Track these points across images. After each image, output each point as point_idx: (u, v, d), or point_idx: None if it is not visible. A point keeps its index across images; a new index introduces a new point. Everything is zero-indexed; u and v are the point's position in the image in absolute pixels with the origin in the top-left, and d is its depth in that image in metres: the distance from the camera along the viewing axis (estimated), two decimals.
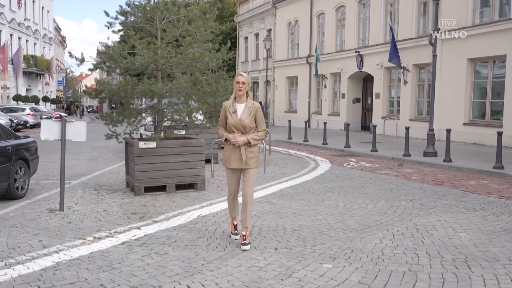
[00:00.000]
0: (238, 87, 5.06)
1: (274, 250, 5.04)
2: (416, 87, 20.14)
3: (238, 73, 5.19)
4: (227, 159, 5.18)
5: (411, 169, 11.24)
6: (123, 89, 7.85)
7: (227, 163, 5.18)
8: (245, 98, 5.18)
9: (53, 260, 4.66)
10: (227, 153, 5.20)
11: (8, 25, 40.51)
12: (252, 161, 5.12)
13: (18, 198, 7.75)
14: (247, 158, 5.09)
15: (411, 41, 19.58)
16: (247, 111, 5.11)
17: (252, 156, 5.13)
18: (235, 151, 5.10)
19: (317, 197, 7.87)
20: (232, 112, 5.11)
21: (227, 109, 5.14)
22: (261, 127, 5.22)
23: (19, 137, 8.29)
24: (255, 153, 5.18)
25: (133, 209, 7.02)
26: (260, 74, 33.34)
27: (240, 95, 5.11)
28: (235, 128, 5.09)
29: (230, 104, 5.14)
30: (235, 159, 5.11)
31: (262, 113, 5.24)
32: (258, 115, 5.15)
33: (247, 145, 5.09)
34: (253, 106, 5.15)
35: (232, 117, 5.10)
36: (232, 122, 5.09)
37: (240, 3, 37.23)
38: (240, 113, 5.10)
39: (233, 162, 5.13)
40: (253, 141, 5.10)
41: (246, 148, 5.09)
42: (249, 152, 5.12)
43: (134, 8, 8.52)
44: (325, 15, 26.61)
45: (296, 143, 18.27)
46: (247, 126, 5.09)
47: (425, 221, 6.23)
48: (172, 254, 4.88)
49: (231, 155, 5.13)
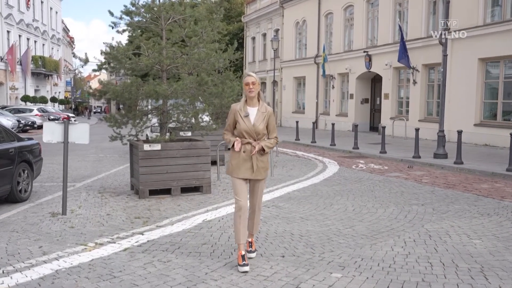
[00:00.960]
0: (249, 88, 4.58)
1: (281, 257, 4.86)
2: (426, 87, 19.85)
3: (246, 74, 4.70)
4: (235, 168, 4.64)
5: (421, 172, 11.01)
6: (127, 90, 7.70)
7: (236, 172, 4.64)
8: (257, 101, 4.71)
9: (52, 267, 4.51)
10: (235, 161, 4.65)
11: (16, 26, 40.67)
12: (263, 171, 4.71)
13: (21, 201, 7.63)
14: (258, 167, 4.64)
15: (420, 41, 19.30)
16: (261, 115, 4.64)
17: (263, 165, 4.71)
18: (245, 159, 4.62)
19: (325, 201, 7.67)
20: (244, 117, 4.62)
21: (238, 113, 4.63)
22: (273, 133, 4.77)
23: (22, 139, 8.17)
24: (266, 163, 4.78)
25: (137, 213, 6.87)
26: (267, 75, 33.15)
27: (252, 96, 4.62)
28: (247, 134, 4.60)
29: (241, 108, 4.64)
30: (246, 168, 4.62)
31: (274, 119, 4.82)
32: (271, 121, 4.70)
33: (259, 153, 4.64)
34: (266, 110, 4.68)
35: (244, 122, 4.61)
36: (245, 127, 4.60)
37: (248, 3, 37.06)
38: (254, 117, 4.63)
39: (243, 171, 4.63)
40: (267, 148, 4.66)
41: (258, 156, 4.65)
42: (260, 161, 4.67)
43: (139, 7, 8.36)
44: (333, 15, 26.37)
45: (304, 144, 18.07)
46: (260, 133, 4.63)
47: (437, 227, 6.01)
48: (175, 261, 4.71)
49: (241, 164, 4.62)
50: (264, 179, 4.76)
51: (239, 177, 4.63)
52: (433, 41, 17.87)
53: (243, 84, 4.64)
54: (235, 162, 4.66)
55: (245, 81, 4.64)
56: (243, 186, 4.70)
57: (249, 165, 4.62)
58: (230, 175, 4.72)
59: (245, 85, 4.61)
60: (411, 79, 20.11)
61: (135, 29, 10.34)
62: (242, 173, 4.63)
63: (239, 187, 4.67)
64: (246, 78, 4.64)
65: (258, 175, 4.66)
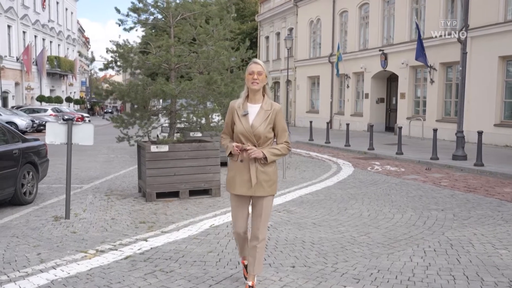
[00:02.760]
0: (252, 79, 3.62)
1: (291, 268, 4.55)
2: (444, 86, 19.33)
3: (253, 61, 3.68)
4: (230, 181, 3.76)
5: (440, 174, 10.58)
6: (134, 89, 7.45)
7: (231, 186, 3.76)
8: (261, 96, 3.72)
9: (48, 277, 4.26)
10: (231, 172, 3.76)
11: (32, 26, 40.95)
12: (266, 186, 3.67)
13: (26, 204, 7.43)
14: (258, 180, 3.65)
15: (438, 39, 18.78)
16: (263, 114, 3.65)
17: (267, 178, 3.67)
18: (241, 170, 3.68)
19: (339, 205, 7.33)
20: (242, 116, 3.66)
21: (235, 111, 3.71)
22: (282, 138, 3.75)
23: (28, 140, 7.97)
24: (271, 175, 3.71)
25: (142, 217, 6.60)
26: (281, 74, 32.82)
27: (255, 90, 3.64)
28: (245, 138, 3.65)
29: (240, 105, 3.70)
30: (242, 182, 3.68)
31: (283, 118, 3.79)
32: (278, 121, 3.70)
33: (259, 162, 3.65)
34: (271, 108, 3.69)
35: (241, 122, 3.65)
36: (241, 129, 3.64)
37: (261, 2, 36.75)
38: (253, 117, 3.65)
39: (239, 186, 3.69)
40: (271, 156, 3.63)
41: (258, 166, 3.66)
42: (262, 172, 3.66)
43: (147, 4, 8.10)
44: (348, 13, 25.91)
45: (318, 144, 17.70)
46: (261, 136, 3.63)
47: (459, 235, 5.64)
48: (178, 272, 4.42)
49: (236, 176, 3.70)
50: (268, 196, 3.74)
51: (235, 193, 3.74)
52: (451, 39, 17.38)
53: (246, 73, 3.68)
54: (231, 174, 3.77)
55: (249, 69, 3.66)
56: (241, 205, 3.77)
57: (247, 177, 3.66)
58: (227, 190, 3.88)
59: (249, 74, 3.65)
60: (428, 78, 19.62)
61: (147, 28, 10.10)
62: (239, 188, 3.69)
63: (234, 207, 3.81)
64: (250, 66, 3.66)
65: (258, 191, 3.67)
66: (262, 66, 3.67)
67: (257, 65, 3.66)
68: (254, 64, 3.67)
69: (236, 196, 3.79)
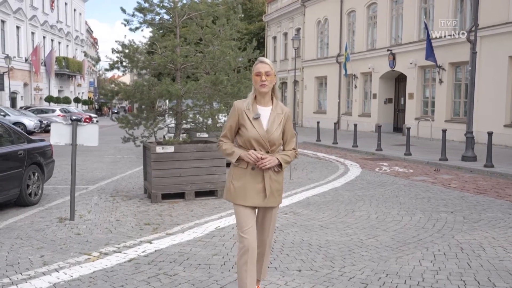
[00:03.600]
0: (260, 81, 3.29)
1: (298, 272, 4.46)
2: (452, 86, 19.13)
3: (259, 60, 3.35)
4: (240, 192, 3.37)
5: (449, 175, 10.43)
6: (139, 90, 7.39)
7: (242, 198, 3.36)
8: (270, 99, 3.42)
9: (50, 280, 4.20)
10: (239, 182, 3.37)
11: (41, 27, 41.16)
12: (277, 195, 3.46)
13: (31, 205, 7.39)
14: (272, 190, 3.38)
15: (447, 39, 18.59)
16: (277, 118, 3.37)
17: (278, 187, 3.45)
18: (254, 179, 3.35)
19: (346, 207, 7.22)
20: (254, 119, 3.32)
21: (244, 114, 3.34)
22: (291, 144, 3.50)
23: (33, 141, 7.94)
24: (281, 183, 3.49)
25: (147, 218, 6.54)
26: (288, 74, 32.71)
27: (264, 92, 3.33)
28: (258, 144, 3.32)
29: (249, 106, 3.35)
30: (254, 192, 3.35)
31: (292, 123, 3.55)
32: (288, 127, 3.45)
33: (273, 170, 3.38)
34: (283, 111, 3.42)
35: (253, 127, 3.31)
36: (255, 134, 3.31)
37: (269, 3, 36.67)
38: (266, 121, 3.36)
39: (251, 197, 3.35)
40: (284, 163, 3.41)
41: (272, 174, 3.38)
42: (275, 181, 3.40)
43: (153, 4, 8.04)
44: (355, 13, 25.76)
45: (325, 145, 17.57)
46: (276, 142, 3.37)
47: (469, 238, 5.51)
48: (182, 275, 4.35)
49: (247, 186, 3.35)
50: (277, 207, 3.55)
51: (246, 204, 3.37)
52: (461, 39, 17.19)
53: (253, 74, 3.34)
54: (240, 184, 3.36)
55: (255, 69, 3.32)
56: (251, 217, 3.42)
57: (260, 187, 3.34)
58: (233, 201, 3.42)
59: (256, 75, 3.31)
60: (437, 78, 19.42)
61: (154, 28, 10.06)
62: (251, 199, 3.35)
63: (246, 219, 3.39)
64: (257, 66, 3.32)
65: (271, 201, 3.41)
66: (270, 65, 3.32)
67: (264, 65, 3.31)
68: (260, 63, 3.32)
69: (246, 208, 3.39)
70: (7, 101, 33.45)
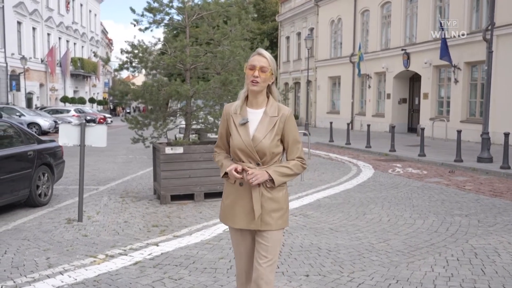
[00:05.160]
0: (252, 76, 2.70)
1: (305, 277, 4.35)
2: (468, 86, 18.80)
3: (257, 51, 2.77)
4: (229, 212, 2.85)
5: (464, 177, 10.21)
6: (148, 90, 7.35)
7: (229, 218, 2.86)
8: (265, 99, 2.81)
9: (54, 283, 4.16)
10: (228, 199, 2.86)
11: (56, 28, 41.60)
12: (276, 217, 2.77)
13: (41, 206, 7.39)
14: (264, 211, 2.75)
15: (462, 38, 18.28)
16: (267, 122, 2.75)
17: (276, 207, 2.77)
18: (242, 197, 2.78)
19: (357, 210, 7.09)
20: (240, 125, 2.75)
21: (231, 119, 2.80)
22: (294, 152, 2.81)
23: (43, 141, 7.95)
24: (282, 202, 2.80)
25: (155, 220, 6.49)
26: (301, 74, 32.54)
27: (255, 92, 2.74)
28: (244, 155, 2.74)
29: (237, 110, 2.80)
30: (243, 212, 2.78)
31: (295, 126, 2.84)
32: (288, 130, 2.78)
33: (265, 186, 2.75)
34: (278, 113, 2.76)
35: (238, 134, 2.75)
36: (239, 142, 2.74)
37: (282, 2, 36.54)
38: (255, 126, 2.75)
39: (239, 218, 2.80)
40: (280, 177, 2.73)
41: (264, 191, 2.75)
42: (269, 199, 2.75)
43: (163, 4, 8.00)
44: (369, 12, 25.51)
45: (338, 146, 17.40)
46: (266, 152, 2.72)
47: (484, 243, 5.35)
48: (187, 279, 4.27)
49: (235, 204, 2.81)
50: (277, 230, 2.80)
51: (235, 226, 2.84)
52: (477, 38, 16.92)
53: (246, 67, 2.75)
54: (229, 202, 2.85)
55: (250, 62, 2.74)
56: (242, 241, 2.88)
57: (250, 206, 2.76)
58: (222, 222, 2.94)
59: (249, 69, 2.72)
60: (452, 77, 19.11)
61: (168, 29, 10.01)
62: (239, 221, 2.80)
63: (236, 244, 2.91)
64: (253, 58, 2.75)
65: (265, 224, 2.76)
66: (268, 59, 2.73)
67: (261, 58, 2.72)
68: (257, 56, 2.74)
69: (235, 230, 2.88)
70: (23, 101, 33.85)
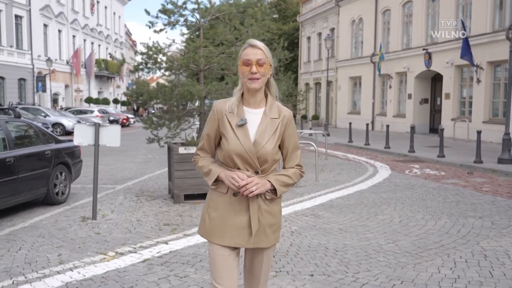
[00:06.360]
0: (250, 73, 2.37)
1: (310, 276, 4.37)
2: (491, 86, 18.44)
3: (249, 43, 2.44)
4: (217, 226, 2.48)
5: (482, 178, 10.04)
6: (162, 91, 7.46)
7: (218, 236, 2.48)
8: (263, 98, 2.49)
9: (63, 279, 4.28)
10: (216, 212, 2.49)
11: (81, 30, 42.42)
12: (270, 232, 2.50)
13: (58, 204, 7.58)
14: (262, 225, 2.47)
15: (485, 37, 17.95)
16: (270, 125, 2.45)
17: (272, 221, 2.50)
18: (235, 209, 2.45)
19: (369, 210, 7.05)
20: (238, 126, 2.43)
21: (225, 118, 2.46)
22: (294, 159, 2.55)
23: (61, 141, 8.14)
24: (278, 215, 2.55)
25: (167, 219, 6.59)
26: (322, 75, 32.39)
27: (254, 89, 2.42)
28: (242, 161, 2.42)
29: (232, 108, 2.46)
30: (236, 228, 2.45)
31: (295, 130, 2.60)
32: (290, 135, 2.52)
33: (263, 198, 2.46)
34: (280, 115, 2.48)
35: (236, 137, 2.41)
36: (237, 147, 2.40)
37: (303, 3, 36.48)
38: (255, 129, 2.45)
39: (231, 234, 2.46)
40: (282, 187, 2.47)
41: (262, 203, 2.46)
42: (266, 212, 2.48)
43: (178, 6, 8.10)
44: (390, 12, 25.26)
45: (357, 146, 17.29)
46: (268, 159, 2.44)
47: (495, 245, 5.27)
48: (192, 277, 4.34)
49: (227, 218, 2.46)
50: (272, 247, 2.58)
51: (224, 244, 2.47)
52: (500, 37, 16.56)
53: (240, 62, 2.43)
54: (217, 215, 2.48)
55: (243, 55, 2.42)
56: (231, 262, 2.49)
57: (245, 221, 2.45)
58: (206, 238, 2.54)
59: (243, 64, 2.40)
60: (475, 77, 18.77)
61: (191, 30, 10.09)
62: (230, 237, 2.45)
63: (223, 265, 2.47)
64: (246, 51, 2.42)
65: (260, 241, 2.47)
66: (263, 49, 2.40)
67: (255, 50, 2.39)
68: (251, 48, 2.40)
69: (222, 248, 2.47)
70: (49, 102, 34.64)
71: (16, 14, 31.29)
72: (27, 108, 25.50)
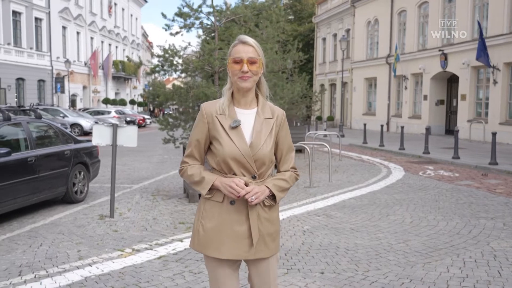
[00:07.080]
0: (241, 71, 2.26)
1: (320, 274, 4.48)
2: (508, 87, 18.28)
3: (239, 39, 2.31)
4: (212, 238, 2.31)
5: (496, 180, 10.01)
6: (177, 93, 7.64)
7: (214, 248, 2.31)
8: (254, 97, 2.38)
9: (82, 274, 4.46)
10: (211, 222, 2.32)
11: (99, 32, 43.05)
12: (270, 241, 2.37)
13: (77, 202, 7.80)
14: (262, 234, 2.33)
15: (502, 38, 17.81)
16: (265, 126, 2.34)
17: (271, 229, 2.37)
18: (233, 219, 2.30)
19: (381, 211, 7.13)
20: (231, 128, 2.28)
21: (216, 121, 2.31)
22: (289, 161, 2.43)
23: (80, 141, 8.36)
24: (276, 223, 2.42)
25: (182, 218, 6.75)
26: (337, 76, 32.40)
27: (246, 89, 2.31)
28: (238, 166, 2.28)
29: (223, 110, 2.32)
30: (234, 238, 2.30)
31: (289, 131, 2.48)
32: (284, 136, 2.41)
33: (262, 205, 2.34)
34: (273, 115, 2.37)
35: (231, 140, 2.28)
36: (233, 151, 2.27)
37: (319, 4, 36.51)
38: (250, 130, 2.32)
39: (229, 245, 2.30)
40: (280, 193, 2.35)
41: (261, 211, 2.33)
42: (266, 220, 2.35)
43: (193, 9, 8.27)
44: (406, 13, 25.17)
45: (371, 147, 17.29)
46: (266, 161, 2.32)
47: (506, 246, 5.31)
48: (205, 273, 4.47)
49: (223, 228, 2.30)
50: (273, 255, 2.42)
51: (222, 257, 2.31)
52: None
53: (230, 60, 2.31)
54: (213, 226, 2.32)
55: (234, 53, 2.30)
56: (231, 276, 2.39)
57: (243, 230, 2.30)
58: (201, 251, 2.37)
59: (233, 62, 2.28)
60: (491, 78, 18.63)
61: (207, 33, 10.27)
62: (229, 249, 2.30)
63: (223, 281, 2.37)
64: (236, 48, 2.30)
65: (260, 251, 2.33)
66: (255, 47, 2.29)
67: (246, 47, 2.27)
68: (241, 45, 2.28)
69: (222, 262, 2.34)
70: (67, 103, 35.26)
71: (36, 16, 31.94)
72: (46, 109, 25.98)
